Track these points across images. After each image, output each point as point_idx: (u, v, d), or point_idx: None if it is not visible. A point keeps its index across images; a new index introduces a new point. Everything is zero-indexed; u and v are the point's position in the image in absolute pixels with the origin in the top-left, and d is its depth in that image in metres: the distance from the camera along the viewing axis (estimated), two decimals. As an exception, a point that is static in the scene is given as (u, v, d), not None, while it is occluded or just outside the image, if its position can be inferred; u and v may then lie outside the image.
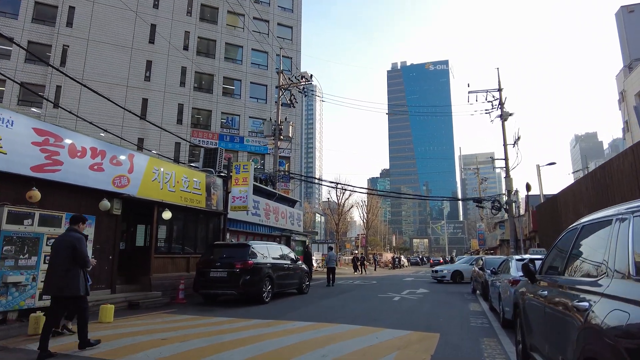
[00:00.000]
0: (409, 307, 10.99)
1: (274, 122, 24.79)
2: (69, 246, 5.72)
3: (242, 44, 39.59)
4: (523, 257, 8.43)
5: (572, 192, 10.30)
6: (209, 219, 14.62)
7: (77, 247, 5.72)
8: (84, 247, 5.88)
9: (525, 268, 4.32)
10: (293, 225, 21.63)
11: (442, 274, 21.52)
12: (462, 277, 20.84)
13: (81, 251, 5.75)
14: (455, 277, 20.93)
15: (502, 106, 27.31)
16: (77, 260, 5.72)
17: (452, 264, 26.29)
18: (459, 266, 22.17)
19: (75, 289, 5.67)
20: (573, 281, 3.10)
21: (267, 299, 11.46)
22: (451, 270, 21.62)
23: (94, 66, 32.79)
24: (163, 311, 9.88)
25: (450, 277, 20.99)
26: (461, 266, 22.08)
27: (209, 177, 14.45)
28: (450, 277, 20.99)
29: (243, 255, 11.16)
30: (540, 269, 4.43)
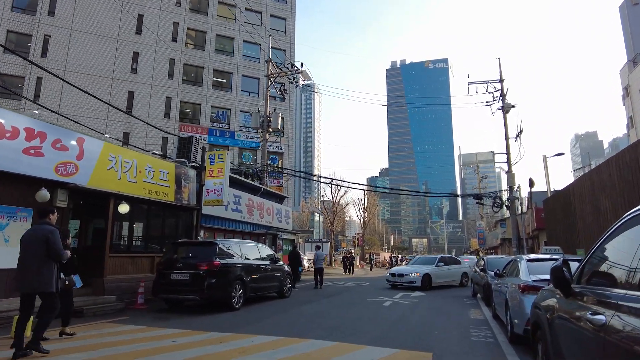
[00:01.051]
0: (399, 315, 9.52)
1: (262, 113, 23.33)
2: (42, 240, 5.46)
3: (234, 35, 38.15)
4: (536, 257, 6.97)
5: (591, 181, 8.86)
6: (179, 215, 13.15)
7: (50, 239, 5.48)
8: (58, 239, 5.61)
9: (556, 274, 2.87)
10: (281, 223, 20.17)
11: (409, 278, 15.91)
12: (430, 282, 15.98)
13: (55, 244, 5.51)
14: (426, 284, 15.69)
15: (504, 97, 25.87)
16: (50, 253, 5.48)
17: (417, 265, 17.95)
18: (428, 269, 16.35)
19: (49, 285, 5.48)
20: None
21: (237, 304, 9.99)
22: (422, 274, 15.84)
23: (77, 57, 31.28)
24: (111, 320, 8.41)
25: (421, 283, 15.64)
26: (430, 269, 16.40)
27: (180, 168, 12.98)
28: (421, 283, 15.62)
29: (209, 255, 9.70)
30: (578, 276, 2.98)
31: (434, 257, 18.69)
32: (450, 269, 17.69)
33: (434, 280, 16.17)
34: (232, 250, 10.45)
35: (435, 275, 16.39)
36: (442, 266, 17.26)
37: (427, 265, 17.13)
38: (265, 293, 11.85)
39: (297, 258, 16.88)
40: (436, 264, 17.15)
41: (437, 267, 16.89)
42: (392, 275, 16.89)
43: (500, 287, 7.87)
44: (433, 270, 16.46)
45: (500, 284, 7.94)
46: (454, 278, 17.87)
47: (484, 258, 14.15)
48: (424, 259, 19.32)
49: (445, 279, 17.19)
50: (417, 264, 18.19)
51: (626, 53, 52.86)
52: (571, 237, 10.70)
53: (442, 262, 17.57)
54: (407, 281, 15.91)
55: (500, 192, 26.11)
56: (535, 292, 5.69)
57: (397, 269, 17.79)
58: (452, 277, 17.69)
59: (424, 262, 18.04)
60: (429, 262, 17.72)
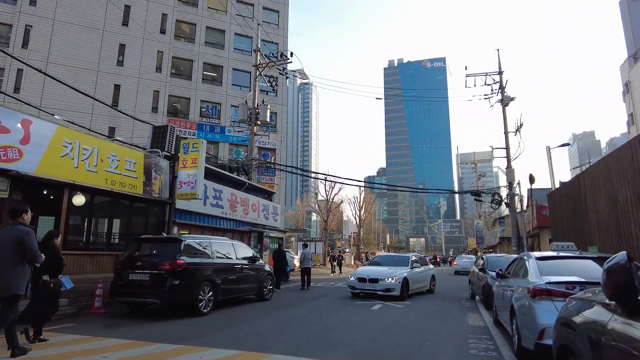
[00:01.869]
0: (389, 322, 8.39)
1: (251, 105, 22.19)
2: (16, 241, 5.16)
3: (225, 28, 36.96)
4: (547, 255, 5.85)
5: (607, 168, 7.78)
6: (148, 209, 12.01)
7: (26, 241, 5.19)
8: (34, 240, 5.32)
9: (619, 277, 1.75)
10: (268, 220, 19.02)
11: (385, 284, 11.82)
12: (408, 290, 12.29)
13: (31, 245, 5.22)
14: (404, 293, 11.92)
15: (503, 90, 24.84)
16: (26, 256, 5.22)
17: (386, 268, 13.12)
18: (405, 272, 12.47)
19: (20, 288, 5.19)
20: None
21: (205, 309, 8.85)
22: (401, 278, 11.95)
23: (60, 48, 30.00)
24: (53, 327, 7.24)
25: (401, 291, 11.78)
26: (407, 272, 12.57)
27: (150, 158, 11.82)
28: (400, 291, 11.75)
29: (172, 253, 8.55)
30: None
31: (404, 256, 14.51)
32: (422, 271, 13.92)
33: (410, 286, 12.45)
34: (200, 248, 9.30)
35: (412, 280, 12.56)
36: (417, 268, 13.42)
37: (400, 266, 12.97)
38: (242, 295, 10.70)
39: (282, 257, 15.73)
40: (411, 265, 13.18)
41: (412, 270, 12.97)
42: (361, 280, 12.29)
43: (504, 290, 6.74)
44: (409, 273, 12.62)
45: (504, 287, 6.81)
46: (425, 283, 14.12)
47: (483, 257, 12.99)
48: (391, 258, 14.72)
49: (419, 284, 13.46)
50: (386, 264, 13.61)
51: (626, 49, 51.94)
52: (581, 232, 9.64)
53: (417, 263, 13.71)
54: (382, 288, 11.75)
55: (499, 188, 25.04)
56: (549, 298, 4.58)
57: (366, 270, 12.94)
58: (424, 282, 13.99)
59: (395, 263, 13.54)
60: (401, 263, 13.40)
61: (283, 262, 15.94)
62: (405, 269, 12.74)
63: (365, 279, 12.30)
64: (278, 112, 37.78)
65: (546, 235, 23.19)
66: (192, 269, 8.67)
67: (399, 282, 11.86)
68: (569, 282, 4.61)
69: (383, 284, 11.87)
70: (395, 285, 11.76)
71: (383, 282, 11.90)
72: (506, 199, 23.72)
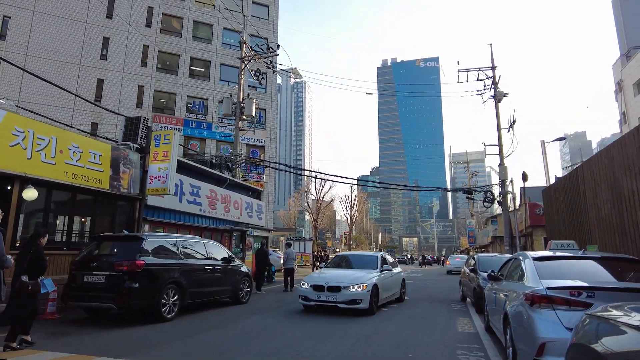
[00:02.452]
0: (369, 329, 7.63)
1: (235, 99, 21.36)
2: None
3: (213, 22, 36.09)
4: (546, 255, 5.11)
5: (609, 159, 7.08)
6: (116, 205, 11.16)
7: None
8: (1, 243, 5.23)
9: None
10: (252, 218, 18.19)
11: (349, 294, 8.90)
12: (378, 300, 9.53)
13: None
14: (374, 305, 9.23)
15: (496, 85, 24.23)
16: None
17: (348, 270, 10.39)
18: (375, 277, 9.59)
19: None
20: None
21: (170, 314, 8.04)
22: (370, 285, 9.16)
23: (41, 41, 28.92)
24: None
25: (370, 302, 8.99)
26: (377, 277, 9.67)
27: (118, 151, 10.97)
28: (369, 302, 8.97)
29: (131, 252, 7.72)
30: None
31: (372, 255, 11.30)
32: (393, 275, 11.01)
33: (381, 295, 9.69)
34: (166, 247, 8.48)
35: (383, 287, 9.79)
36: (388, 271, 10.53)
37: (367, 269, 10.03)
38: (214, 299, 9.89)
39: (265, 257, 14.93)
40: (381, 266, 10.27)
41: (382, 274, 10.04)
42: (317, 288, 9.13)
43: (496, 294, 6.00)
44: (380, 278, 9.79)
45: (496, 290, 6.07)
46: (396, 290, 11.23)
47: (474, 257, 12.24)
48: (356, 259, 11.50)
49: (390, 291, 10.64)
50: (349, 266, 10.77)
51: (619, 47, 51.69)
52: (579, 231, 8.95)
53: (387, 265, 10.83)
54: (345, 299, 8.81)
55: (492, 186, 24.43)
56: (550, 306, 3.84)
57: (325, 275, 9.77)
58: (395, 289, 11.12)
59: (361, 264, 10.57)
60: (368, 264, 10.44)
61: (266, 263, 15.14)
62: (375, 273, 9.77)
63: (322, 287, 9.07)
64: (267, 109, 37.00)
65: (539, 235, 22.63)
66: (154, 270, 7.86)
67: (368, 290, 8.96)
68: (573, 288, 3.88)
69: (347, 294, 8.84)
70: (363, 295, 8.84)
71: (347, 291, 8.85)
72: (499, 197, 23.12)
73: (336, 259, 11.95)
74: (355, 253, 13.58)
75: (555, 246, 5.61)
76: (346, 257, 11.99)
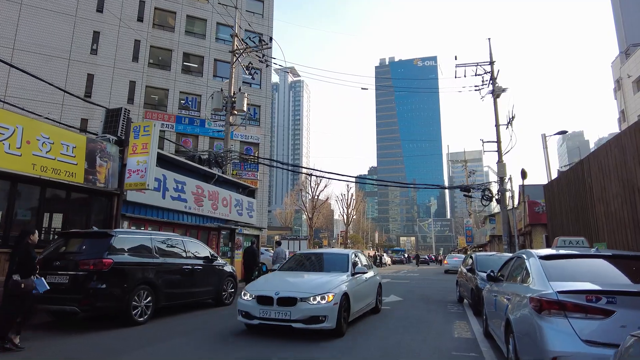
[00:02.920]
0: (355, 333, 7.01)
1: (226, 94, 20.71)
2: None
3: (206, 17, 35.42)
4: (554, 253, 4.49)
5: (620, 149, 6.48)
6: (92, 200, 10.50)
7: None
8: None
9: None
10: (241, 216, 17.55)
11: (308, 309, 6.32)
12: (348, 314, 7.10)
13: None
14: (342, 322, 6.72)
15: (494, 80, 23.67)
16: None
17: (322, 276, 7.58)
18: (344, 283, 7.15)
19: None
20: None
21: (142, 317, 7.40)
22: (339, 295, 6.68)
23: (29, 35, 28.20)
24: None
25: (337, 319, 6.51)
26: (348, 283, 7.28)
27: (94, 143, 10.32)
28: (337, 320, 6.48)
29: (98, 250, 7.09)
30: None
31: (340, 254, 8.66)
32: (368, 279, 8.52)
33: (353, 307, 7.29)
34: (138, 245, 7.85)
35: (355, 297, 7.39)
36: (362, 274, 8.06)
37: (334, 272, 7.63)
38: (193, 300, 9.24)
39: (254, 256, 14.30)
40: (353, 268, 7.86)
41: (355, 278, 7.70)
42: (262, 300, 6.57)
43: (496, 297, 5.39)
44: (351, 284, 7.39)
45: (497, 293, 5.45)
46: (371, 299, 8.73)
47: (472, 256, 11.62)
48: (320, 259, 8.93)
49: (364, 301, 8.13)
50: (310, 269, 8.53)
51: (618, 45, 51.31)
52: (585, 227, 8.36)
53: (361, 266, 8.37)
54: (303, 316, 6.33)
55: (490, 184, 23.86)
56: (562, 314, 3.22)
57: (273, 281, 7.34)
58: (369, 298, 8.60)
59: (326, 266, 8.31)
60: (335, 266, 8.03)
61: (255, 262, 14.51)
62: (344, 277, 7.31)
63: (270, 299, 6.42)
64: (262, 105, 36.37)
65: (539, 233, 22.08)
66: (124, 269, 7.22)
67: (335, 302, 6.44)
68: (591, 292, 3.27)
69: (305, 309, 6.26)
70: (328, 310, 6.31)
71: (306, 304, 6.29)
72: (497, 195, 22.55)
73: (295, 259, 9.02)
74: (320, 251, 10.15)
75: (563, 243, 5.00)
76: (308, 256, 9.32)
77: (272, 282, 7.29)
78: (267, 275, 8.49)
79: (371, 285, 8.82)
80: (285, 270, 8.36)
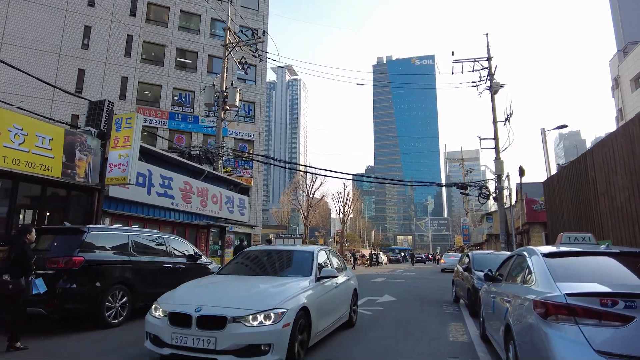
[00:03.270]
0: (344, 337, 6.57)
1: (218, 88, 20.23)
2: None
3: (201, 12, 34.87)
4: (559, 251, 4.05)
5: (627, 137, 6.06)
6: (71, 196, 10.02)
7: None
8: None
9: None
10: (232, 213, 17.08)
11: (242, 334, 4.23)
12: (309, 337, 5.02)
13: None
14: (297, 348, 4.63)
15: (492, 77, 23.30)
16: None
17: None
18: (302, 292, 5.08)
19: None
20: None
21: (117, 319, 6.94)
22: (293, 313, 4.57)
23: (17, 29, 27.60)
24: None
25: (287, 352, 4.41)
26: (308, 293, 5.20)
27: (73, 135, 9.82)
28: (286, 352, 4.39)
29: (69, 248, 6.62)
30: None
31: (302, 252, 6.57)
32: (338, 285, 6.51)
33: (316, 326, 5.26)
34: (114, 242, 7.38)
35: (320, 311, 5.43)
36: (330, 279, 6.14)
37: (291, 277, 5.70)
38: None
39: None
40: (317, 272, 5.87)
41: (322, 284, 5.84)
42: (177, 321, 4.47)
43: (494, 299, 4.95)
44: (315, 294, 5.40)
45: (495, 294, 5.01)
46: (342, 311, 6.68)
47: (468, 254, 11.19)
48: (273, 258, 6.78)
49: (331, 316, 6.09)
50: (258, 271, 6.39)
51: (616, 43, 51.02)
52: (587, 223, 7.93)
53: (330, 268, 6.37)
54: (233, 345, 4.22)
55: (487, 181, 23.47)
56: (572, 320, 2.77)
57: (195, 292, 5.20)
58: (339, 310, 6.53)
59: (280, 267, 6.42)
60: (295, 268, 6.14)
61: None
62: (305, 283, 5.40)
63: (188, 318, 4.44)
64: (257, 102, 35.86)
65: (536, 231, 21.72)
66: (97, 268, 6.75)
67: (287, 322, 4.50)
68: (606, 295, 2.83)
69: (238, 333, 4.29)
70: (275, 335, 4.36)
71: (239, 326, 4.33)
72: (494, 193, 22.17)
73: (241, 258, 6.74)
74: (277, 247, 7.50)
75: (568, 240, 4.55)
76: (261, 254, 6.88)
77: (197, 291, 5.18)
78: (197, 281, 6.11)
79: (343, 293, 6.67)
80: (225, 274, 6.12)
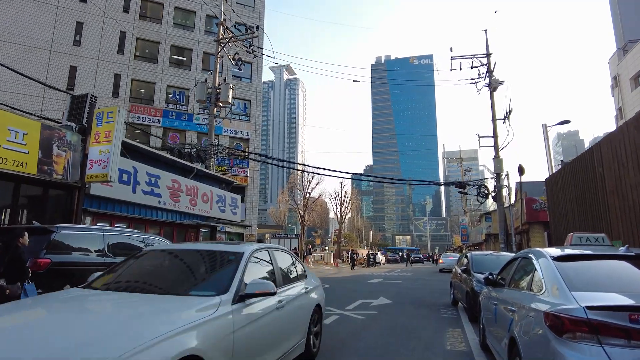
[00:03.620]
0: (335, 343, 6.08)
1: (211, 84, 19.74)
2: None
3: (195, 9, 34.36)
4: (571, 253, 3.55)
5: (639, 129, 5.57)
6: (48, 194, 9.51)
7: None
8: None
9: None
10: (224, 213, 16.57)
11: None
12: None
13: None
14: None
15: (491, 73, 22.84)
16: None
17: None
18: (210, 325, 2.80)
19: None
20: None
21: (88, 327, 6.40)
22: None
23: (7, 24, 27.02)
24: None
25: None
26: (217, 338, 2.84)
27: (51, 130, 9.31)
28: None
29: (34, 249, 6.10)
30: None
31: (222, 252, 4.09)
32: (289, 300, 4.33)
33: None
34: (87, 243, 6.87)
35: (234, 354, 2.98)
36: (262, 300, 3.62)
37: (189, 298, 3.24)
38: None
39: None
40: (238, 287, 3.39)
41: (243, 308, 3.30)
42: None
43: (497, 306, 4.45)
44: (220, 327, 2.97)
45: (497, 301, 4.52)
46: (294, 340, 4.42)
47: (467, 255, 10.66)
48: (170, 264, 4.29)
49: (272, 352, 3.78)
50: (149, 284, 4.05)
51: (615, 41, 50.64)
52: (594, 223, 7.44)
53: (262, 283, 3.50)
54: None
55: (486, 180, 23.02)
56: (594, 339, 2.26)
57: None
58: (288, 339, 4.25)
59: (181, 279, 3.94)
60: (205, 280, 3.83)
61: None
62: (204, 309, 2.99)
63: None
64: (253, 100, 35.36)
65: (537, 231, 21.26)
66: (66, 270, 6.25)
67: None
68: (636, 309, 2.34)
69: None
70: None
71: None
72: (493, 192, 21.70)
73: (134, 262, 4.50)
74: (187, 247, 4.68)
75: (579, 241, 4.06)
76: (162, 255, 4.54)
77: None
78: (24, 301, 3.97)
79: (294, 315, 4.48)
80: (91, 288, 3.93)
